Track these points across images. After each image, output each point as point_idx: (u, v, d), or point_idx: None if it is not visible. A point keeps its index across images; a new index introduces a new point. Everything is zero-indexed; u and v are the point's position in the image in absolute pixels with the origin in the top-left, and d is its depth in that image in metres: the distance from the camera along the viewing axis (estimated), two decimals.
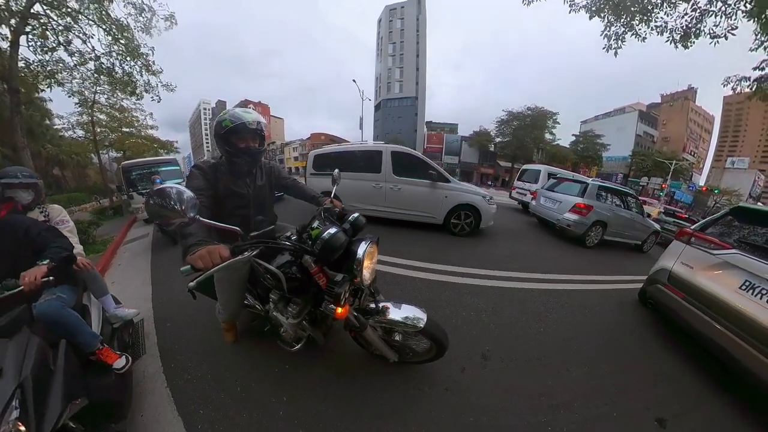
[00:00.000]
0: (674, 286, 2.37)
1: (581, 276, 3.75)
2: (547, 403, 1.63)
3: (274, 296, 1.46)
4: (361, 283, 1.29)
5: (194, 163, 1.53)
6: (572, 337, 2.24)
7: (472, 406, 1.56)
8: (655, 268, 2.71)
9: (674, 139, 43.23)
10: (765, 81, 4.44)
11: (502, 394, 1.67)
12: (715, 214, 2.54)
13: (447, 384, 1.69)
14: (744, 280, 1.98)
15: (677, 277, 2.38)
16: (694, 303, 2.19)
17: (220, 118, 1.43)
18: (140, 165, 7.15)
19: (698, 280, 2.23)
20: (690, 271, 2.31)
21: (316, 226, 1.31)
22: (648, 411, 1.66)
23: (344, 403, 1.53)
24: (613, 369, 1.99)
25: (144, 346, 1.93)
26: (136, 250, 4.52)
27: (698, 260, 2.29)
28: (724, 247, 2.18)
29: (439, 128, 47.60)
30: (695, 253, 2.34)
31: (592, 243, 5.63)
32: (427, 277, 3.11)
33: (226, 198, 1.51)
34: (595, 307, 2.82)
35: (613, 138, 37.53)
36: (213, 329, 2.03)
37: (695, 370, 2.09)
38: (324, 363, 1.76)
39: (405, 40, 45.48)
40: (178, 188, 0.92)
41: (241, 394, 1.58)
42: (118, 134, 14.18)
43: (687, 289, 2.28)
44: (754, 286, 1.93)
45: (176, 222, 0.92)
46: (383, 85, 47.24)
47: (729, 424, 1.68)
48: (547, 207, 6.42)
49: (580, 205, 5.50)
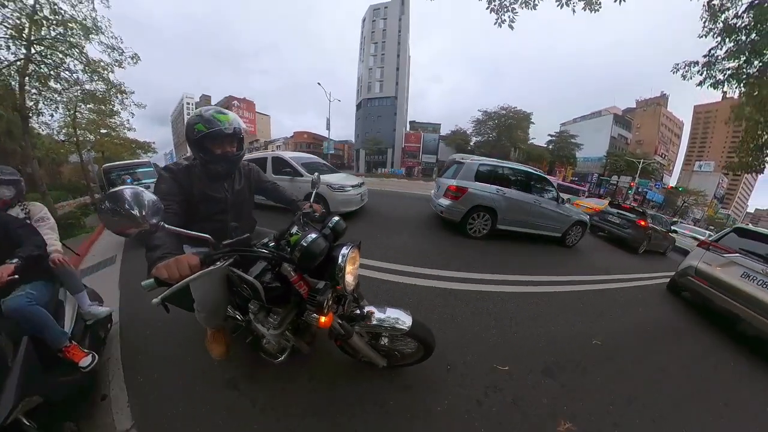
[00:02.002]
0: (700, 276, 3.80)
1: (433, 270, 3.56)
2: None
3: (254, 306, 1.41)
4: (344, 290, 1.28)
5: (165, 165, 1.42)
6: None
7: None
8: (683, 265, 4.14)
9: (647, 142, 47.05)
10: (712, 67, 4.37)
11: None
12: (721, 231, 4.00)
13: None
14: (743, 271, 3.40)
15: (701, 271, 3.81)
16: (714, 287, 3.61)
17: (191, 120, 1.33)
18: (119, 167, 8.74)
19: (715, 273, 3.65)
20: (709, 267, 3.74)
21: (294, 232, 1.30)
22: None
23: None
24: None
25: (106, 344, 1.96)
26: (110, 244, 4.76)
27: (714, 260, 3.73)
28: (730, 252, 3.61)
29: (422, 128, 49.52)
30: (712, 255, 3.78)
31: (478, 233, 5.06)
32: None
33: (202, 203, 1.45)
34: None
35: (590, 140, 40.28)
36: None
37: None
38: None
39: (387, 40, 46.81)
40: (136, 190, 0.82)
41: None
42: (98, 136, 15.65)
43: (709, 278, 3.70)
44: (749, 275, 3.35)
45: (133, 231, 0.82)
46: (364, 84, 48.50)
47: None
48: (434, 195, 5.95)
49: (452, 187, 4.91)
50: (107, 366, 1.86)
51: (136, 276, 3.20)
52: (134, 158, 15.95)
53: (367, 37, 48.64)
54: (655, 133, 47.69)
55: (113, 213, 0.78)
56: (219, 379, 1.78)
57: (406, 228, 5.46)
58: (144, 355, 1.97)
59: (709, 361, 2.75)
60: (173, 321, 2.10)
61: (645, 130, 49.02)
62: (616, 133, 44.87)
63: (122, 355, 1.97)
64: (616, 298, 3.87)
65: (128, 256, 4.10)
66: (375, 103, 47.54)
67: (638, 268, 5.76)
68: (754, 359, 2.89)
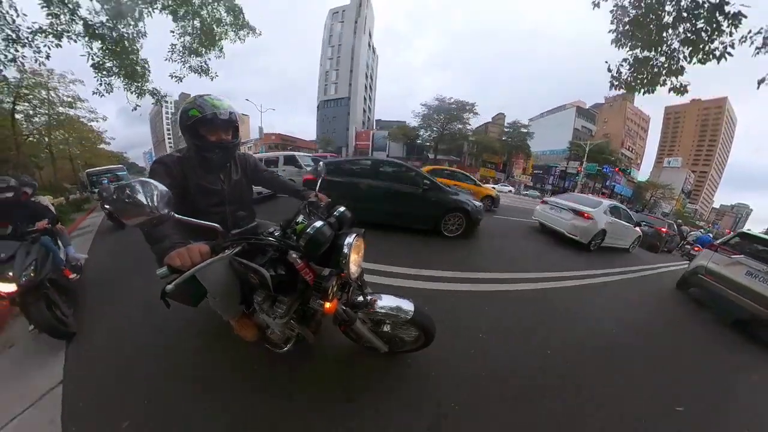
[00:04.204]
0: (709, 274, 4.47)
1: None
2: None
3: (259, 297, 1.44)
4: (349, 277, 1.33)
5: (156, 158, 1.43)
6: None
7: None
8: (693, 264, 4.81)
9: (614, 135, 49.73)
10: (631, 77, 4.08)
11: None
12: (727, 236, 4.71)
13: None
14: (747, 270, 4.06)
15: (711, 270, 4.48)
16: (721, 283, 4.27)
17: (185, 107, 1.34)
18: (100, 171, 12.57)
19: (722, 271, 4.32)
20: (718, 266, 4.41)
21: (300, 221, 1.34)
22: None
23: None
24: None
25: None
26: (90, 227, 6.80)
27: (722, 260, 4.41)
28: (735, 253, 4.28)
29: (387, 126, 50.73)
30: (720, 257, 4.46)
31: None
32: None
33: (198, 195, 1.46)
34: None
35: (555, 133, 42.34)
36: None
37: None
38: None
39: (342, 43, 49.23)
40: (148, 181, 0.85)
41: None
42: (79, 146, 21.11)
43: (717, 276, 4.37)
44: (752, 273, 4.01)
45: (143, 220, 0.83)
46: (321, 87, 51.85)
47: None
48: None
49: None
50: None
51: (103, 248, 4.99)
52: (116, 164, 20.85)
53: (325, 40, 51.26)
54: (622, 126, 50.43)
55: (125, 202, 0.81)
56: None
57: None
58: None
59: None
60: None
61: (612, 124, 52.02)
62: (580, 125, 47.67)
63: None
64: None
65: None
66: (331, 104, 50.52)
67: (579, 266, 5.18)
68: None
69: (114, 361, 1.98)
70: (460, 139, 38.53)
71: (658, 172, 61.20)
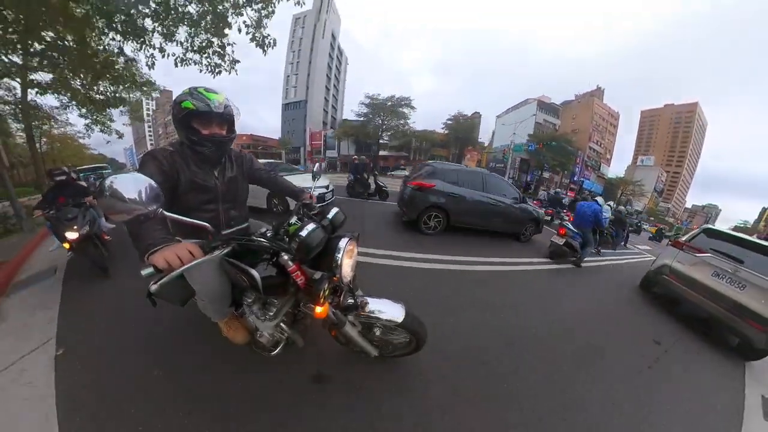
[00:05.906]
0: (674, 274, 4.03)
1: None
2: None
3: (249, 298, 1.41)
4: (341, 281, 1.30)
5: (148, 150, 1.38)
6: None
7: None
8: (657, 263, 4.37)
9: (582, 130, 50.72)
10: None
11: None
12: (692, 232, 4.26)
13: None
14: (713, 270, 3.63)
15: (675, 269, 4.04)
16: (685, 284, 3.84)
17: (178, 98, 1.27)
18: (86, 169, 14.75)
19: (688, 271, 3.87)
20: (683, 266, 3.97)
21: (293, 222, 1.32)
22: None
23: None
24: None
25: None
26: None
27: (687, 259, 3.97)
28: (702, 252, 3.83)
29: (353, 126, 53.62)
30: (685, 255, 4.01)
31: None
32: None
33: (190, 192, 1.40)
34: None
35: (518, 127, 42.27)
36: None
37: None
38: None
39: (302, 48, 52.83)
40: (136, 176, 0.84)
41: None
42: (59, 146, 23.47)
43: (681, 276, 3.94)
44: (719, 273, 3.58)
45: (130, 216, 0.82)
46: (284, 90, 56.04)
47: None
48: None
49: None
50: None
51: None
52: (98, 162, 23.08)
53: (288, 46, 54.83)
54: (589, 121, 51.40)
55: (112, 196, 0.79)
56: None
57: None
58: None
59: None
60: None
61: (580, 120, 52.94)
62: (542, 119, 48.28)
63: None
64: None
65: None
66: (291, 107, 54.64)
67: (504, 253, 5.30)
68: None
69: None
70: (402, 136, 39.93)
71: (633, 170, 63.43)
